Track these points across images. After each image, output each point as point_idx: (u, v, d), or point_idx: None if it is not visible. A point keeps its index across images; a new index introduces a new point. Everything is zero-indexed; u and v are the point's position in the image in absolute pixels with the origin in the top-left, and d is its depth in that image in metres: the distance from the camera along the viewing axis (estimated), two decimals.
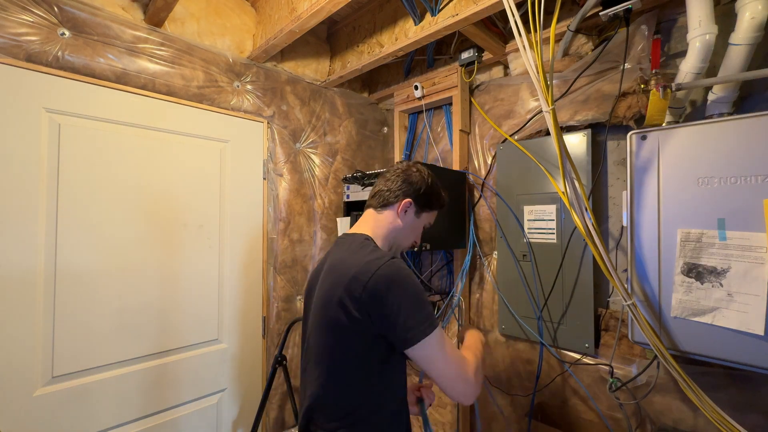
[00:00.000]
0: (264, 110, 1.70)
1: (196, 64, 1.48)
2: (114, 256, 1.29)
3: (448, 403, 1.72)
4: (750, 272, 0.88)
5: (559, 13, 1.01)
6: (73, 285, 1.21)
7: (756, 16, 0.91)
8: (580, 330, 1.34)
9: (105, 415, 1.27)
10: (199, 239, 1.51)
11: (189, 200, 1.48)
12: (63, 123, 1.21)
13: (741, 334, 0.90)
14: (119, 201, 1.31)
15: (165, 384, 1.41)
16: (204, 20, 1.54)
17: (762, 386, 1.03)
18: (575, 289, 1.35)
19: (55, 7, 1.18)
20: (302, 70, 1.86)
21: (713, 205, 0.94)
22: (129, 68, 1.33)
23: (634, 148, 1.08)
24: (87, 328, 1.24)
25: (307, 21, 1.36)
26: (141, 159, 1.36)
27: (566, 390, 1.41)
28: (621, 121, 1.25)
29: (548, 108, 0.92)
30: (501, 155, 1.59)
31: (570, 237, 1.37)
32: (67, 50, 1.20)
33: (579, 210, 0.98)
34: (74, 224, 1.22)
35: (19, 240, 1.13)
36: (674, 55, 1.22)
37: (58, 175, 1.19)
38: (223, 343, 1.58)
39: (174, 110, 1.44)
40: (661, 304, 1.02)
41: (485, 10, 1.21)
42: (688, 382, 0.92)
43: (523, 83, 1.55)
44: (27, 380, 1.13)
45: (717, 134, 0.95)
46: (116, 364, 1.30)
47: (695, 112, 1.16)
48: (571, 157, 0.98)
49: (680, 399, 1.15)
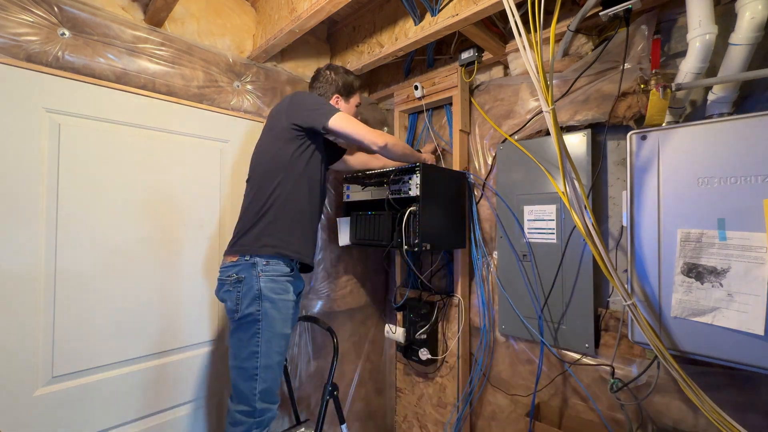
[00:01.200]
0: (264, 110, 1.70)
1: (196, 64, 1.48)
2: (114, 256, 1.29)
3: (448, 403, 1.73)
4: (750, 272, 0.88)
5: (559, 13, 1.01)
6: (73, 285, 1.21)
7: (756, 16, 0.91)
8: (580, 330, 1.34)
9: (105, 415, 1.27)
10: (199, 239, 1.51)
11: (189, 200, 1.48)
12: (63, 123, 1.21)
13: (741, 334, 0.90)
14: (119, 201, 1.31)
15: (165, 384, 1.41)
16: (204, 20, 1.54)
17: (762, 386, 1.03)
18: (575, 289, 1.35)
19: (55, 7, 1.18)
20: (302, 70, 1.86)
21: (713, 205, 0.94)
22: (129, 68, 1.33)
23: (634, 148, 1.08)
24: (87, 328, 1.24)
25: (307, 21, 1.36)
26: (141, 159, 1.36)
27: (566, 390, 1.41)
28: (621, 121, 1.25)
29: (548, 108, 0.92)
30: (501, 155, 1.59)
31: (570, 237, 1.37)
32: (67, 50, 1.20)
33: (579, 210, 0.98)
34: (74, 224, 1.22)
35: (19, 240, 1.12)
36: (674, 55, 1.22)
37: (58, 175, 1.19)
38: (223, 343, 1.58)
39: (174, 110, 1.44)
40: (661, 304, 1.02)
41: (485, 10, 1.21)
42: (688, 382, 0.92)
43: (523, 83, 1.55)
44: (27, 380, 1.13)
45: (717, 134, 0.95)
46: (116, 364, 1.30)
47: (695, 112, 1.16)
48: (571, 157, 0.98)
49: (680, 399, 1.15)
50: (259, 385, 1.17)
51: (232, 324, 1.22)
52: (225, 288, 1.22)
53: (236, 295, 1.18)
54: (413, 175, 1.41)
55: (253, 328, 1.17)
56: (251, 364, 1.17)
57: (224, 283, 1.22)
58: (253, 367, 1.16)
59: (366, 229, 1.56)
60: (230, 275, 1.20)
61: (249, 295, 1.17)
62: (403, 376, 1.95)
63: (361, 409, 2.05)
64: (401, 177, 1.44)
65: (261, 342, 1.17)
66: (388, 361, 2.17)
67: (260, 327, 1.17)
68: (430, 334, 1.73)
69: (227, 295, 1.21)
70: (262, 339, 1.17)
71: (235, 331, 1.21)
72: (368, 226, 1.55)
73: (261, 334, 1.17)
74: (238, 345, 1.19)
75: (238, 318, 1.18)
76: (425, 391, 1.84)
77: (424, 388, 1.84)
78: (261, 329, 1.17)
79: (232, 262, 1.22)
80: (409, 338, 1.78)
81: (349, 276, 1.96)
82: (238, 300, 1.18)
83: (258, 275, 1.18)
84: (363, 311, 2.06)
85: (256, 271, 1.19)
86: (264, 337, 1.18)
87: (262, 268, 1.19)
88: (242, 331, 1.18)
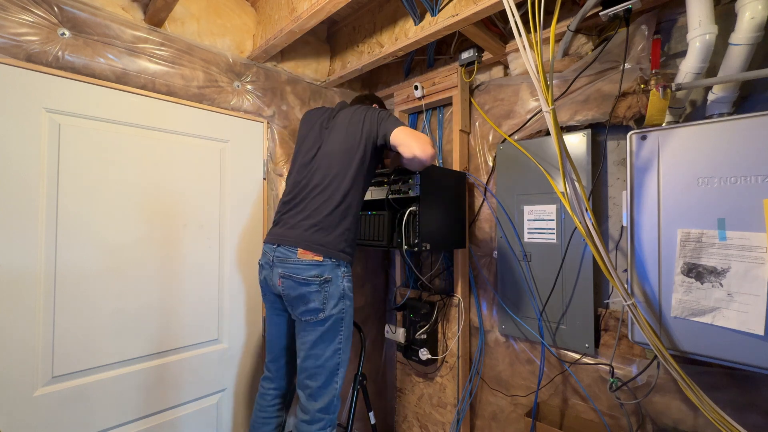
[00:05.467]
0: (264, 110, 1.70)
1: (196, 64, 1.48)
2: (114, 256, 1.29)
3: (448, 403, 1.73)
4: (750, 272, 0.88)
5: (559, 13, 1.01)
6: (73, 285, 1.21)
7: (756, 16, 0.91)
8: (580, 330, 1.34)
9: (105, 415, 1.27)
10: (199, 239, 1.51)
11: (189, 200, 1.48)
12: (63, 123, 1.21)
13: (741, 334, 0.90)
14: (119, 201, 1.31)
15: (165, 384, 1.41)
16: (204, 20, 1.54)
17: (762, 386, 1.03)
18: (575, 289, 1.35)
19: (55, 7, 1.18)
20: (302, 70, 1.86)
21: (713, 205, 0.94)
22: (129, 68, 1.33)
23: (634, 148, 1.08)
24: (87, 328, 1.24)
25: (307, 21, 1.36)
26: (141, 159, 1.36)
27: (566, 390, 1.41)
28: (621, 121, 1.25)
29: (548, 108, 0.92)
30: (501, 155, 1.59)
31: (570, 237, 1.37)
32: (67, 50, 1.20)
33: (579, 210, 0.98)
34: (74, 224, 1.22)
35: (19, 240, 1.12)
36: (674, 55, 1.22)
37: (58, 175, 1.19)
38: (223, 343, 1.58)
39: (174, 110, 1.44)
40: (661, 304, 1.02)
41: (485, 10, 1.21)
42: (688, 382, 0.92)
43: (523, 83, 1.55)
44: (27, 380, 1.13)
45: (717, 134, 0.95)
46: (116, 363, 1.30)
47: (695, 112, 1.16)
48: (571, 157, 0.98)
49: (680, 399, 1.16)
50: (339, 381, 1.22)
51: (310, 325, 1.20)
52: (309, 287, 1.18)
53: (323, 295, 1.19)
54: (413, 175, 1.40)
55: (338, 326, 1.21)
56: (334, 362, 1.21)
57: (307, 283, 1.18)
58: (335, 364, 1.21)
59: (366, 229, 1.56)
60: (315, 275, 1.18)
61: (336, 295, 1.20)
62: (403, 376, 1.95)
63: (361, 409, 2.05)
64: (401, 177, 1.43)
65: (343, 339, 1.23)
66: (388, 361, 2.17)
67: (343, 325, 1.23)
68: (430, 334, 1.73)
69: (314, 295, 1.18)
70: (344, 336, 1.23)
71: (314, 331, 1.20)
72: (368, 226, 1.55)
73: (343, 331, 1.23)
74: (321, 345, 1.20)
75: (323, 318, 1.19)
76: (425, 391, 1.84)
77: (424, 388, 1.84)
78: (344, 327, 1.23)
79: (317, 261, 1.19)
80: (409, 338, 1.78)
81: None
82: (325, 300, 1.19)
83: (342, 276, 1.22)
84: (363, 311, 2.06)
85: (341, 271, 1.22)
86: (345, 334, 1.23)
87: (345, 270, 1.24)
88: (328, 331, 1.20)
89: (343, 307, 1.22)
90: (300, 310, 1.20)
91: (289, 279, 1.20)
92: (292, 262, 1.20)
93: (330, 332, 1.20)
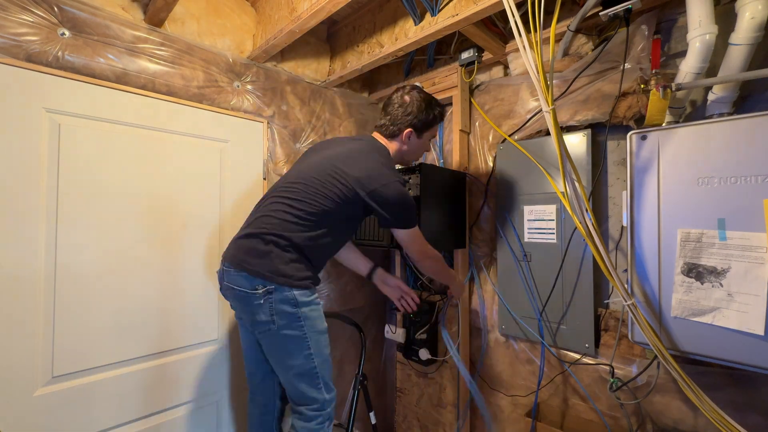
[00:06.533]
0: (264, 110, 1.70)
1: (196, 64, 1.48)
2: (114, 256, 1.29)
3: (448, 403, 1.73)
4: (750, 272, 0.88)
5: (559, 13, 1.01)
6: (73, 285, 1.21)
7: (756, 16, 0.91)
8: (580, 330, 1.34)
9: (105, 415, 1.27)
10: (199, 239, 1.51)
11: (189, 200, 1.48)
12: (63, 123, 1.21)
13: (741, 334, 0.90)
14: (119, 201, 1.31)
15: (165, 384, 1.41)
16: (204, 20, 1.54)
17: (762, 386, 1.03)
18: (575, 289, 1.35)
19: (55, 7, 1.18)
20: (302, 70, 1.86)
21: (713, 205, 0.94)
22: (129, 68, 1.33)
23: (634, 148, 1.08)
24: (87, 328, 1.24)
25: (307, 21, 1.36)
26: (141, 159, 1.36)
27: (566, 390, 1.41)
28: (621, 121, 1.25)
29: (548, 108, 0.92)
30: (501, 155, 1.59)
31: (570, 237, 1.37)
32: (67, 50, 1.20)
33: (579, 210, 0.98)
34: (74, 224, 1.21)
35: (19, 240, 1.12)
36: (674, 55, 1.22)
37: (58, 175, 1.19)
38: (223, 344, 1.58)
39: (174, 110, 1.44)
40: (661, 304, 1.02)
41: (485, 10, 1.21)
42: (687, 382, 0.92)
43: (523, 83, 1.55)
44: (27, 380, 1.13)
45: (717, 134, 0.95)
46: (116, 364, 1.30)
47: (695, 112, 1.16)
48: (571, 157, 0.98)
49: (680, 399, 1.16)
50: (321, 381, 1.20)
51: (269, 336, 1.16)
52: (253, 300, 1.14)
53: (269, 307, 1.13)
54: (413, 175, 1.40)
55: (298, 333, 1.16)
56: (310, 366, 1.18)
57: (249, 296, 1.13)
58: (312, 367, 1.18)
59: (366, 229, 1.56)
60: (256, 288, 1.13)
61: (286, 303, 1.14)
62: (403, 376, 1.95)
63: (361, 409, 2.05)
64: None
65: (311, 342, 1.18)
66: (388, 361, 2.17)
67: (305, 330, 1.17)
68: (430, 334, 1.73)
69: (258, 308, 1.14)
70: (311, 339, 1.17)
71: (276, 341, 1.17)
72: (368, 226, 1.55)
73: (308, 334, 1.17)
74: (289, 354, 1.17)
75: (277, 329, 1.14)
76: (425, 391, 1.84)
77: (424, 388, 1.84)
78: (306, 329, 1.17)
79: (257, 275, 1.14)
80: (409, 338, 1.78)
81: (349, 276, 1.96)
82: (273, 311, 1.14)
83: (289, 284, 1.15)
84: (363, 311, 2.06)
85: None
86: (311, 335, 1.18)
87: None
88: (290, 341, 1.16)
89: (299, 314, 1.15)
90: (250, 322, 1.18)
91: (237, 293, 1.18)
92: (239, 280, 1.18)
93: (291, 341, 1.16)
